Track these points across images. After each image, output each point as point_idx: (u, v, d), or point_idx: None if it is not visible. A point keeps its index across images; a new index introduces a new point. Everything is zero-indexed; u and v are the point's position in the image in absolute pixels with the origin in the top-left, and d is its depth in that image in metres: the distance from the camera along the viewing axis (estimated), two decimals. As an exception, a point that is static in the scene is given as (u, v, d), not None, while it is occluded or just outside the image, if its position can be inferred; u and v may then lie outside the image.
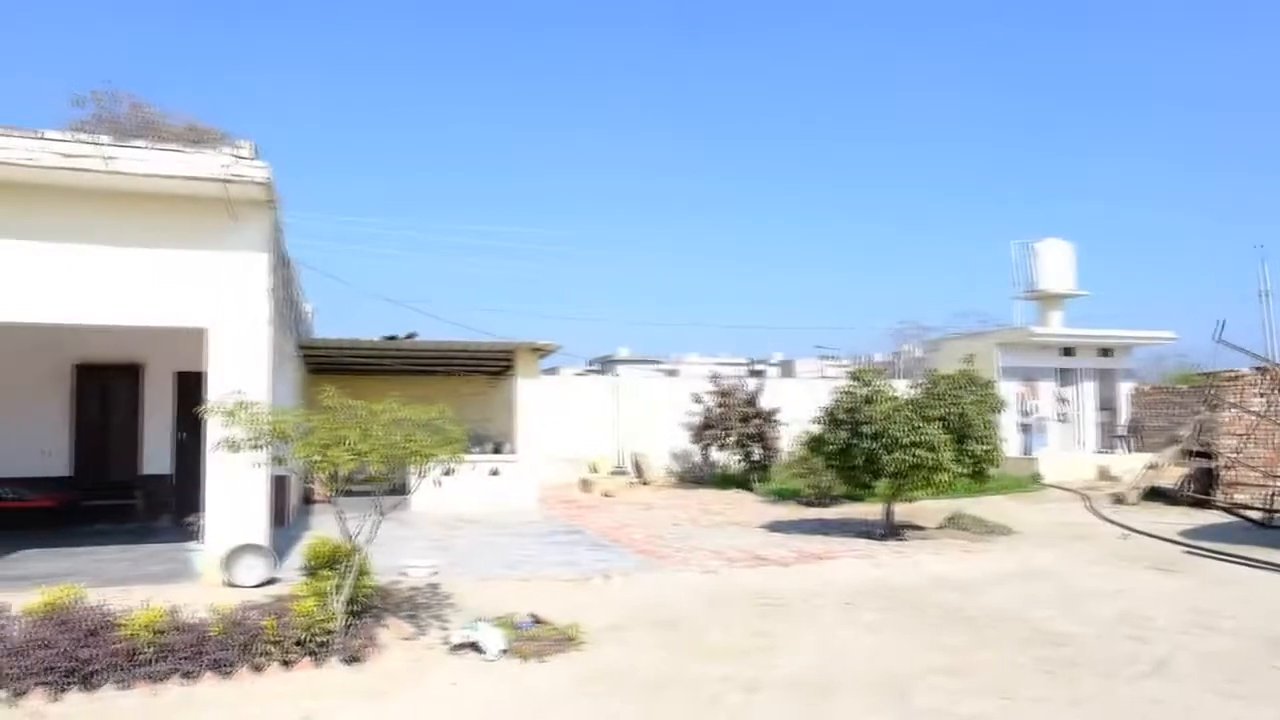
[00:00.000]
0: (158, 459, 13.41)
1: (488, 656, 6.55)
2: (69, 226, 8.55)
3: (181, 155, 8.33)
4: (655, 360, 54.64)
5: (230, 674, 5.90)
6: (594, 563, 10.22)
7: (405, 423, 6.60)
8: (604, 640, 7.06)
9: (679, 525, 13.91)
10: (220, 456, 7.20)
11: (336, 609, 6.44)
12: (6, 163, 7.89)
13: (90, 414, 13.27)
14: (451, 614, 7.72)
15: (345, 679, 6.07)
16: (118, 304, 8.70)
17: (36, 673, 5.49)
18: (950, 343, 24.24)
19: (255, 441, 6.47)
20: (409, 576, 9.02)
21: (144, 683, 5.69)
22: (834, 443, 12.21)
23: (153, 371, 13.37)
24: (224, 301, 8.86)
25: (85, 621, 5.80)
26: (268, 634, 6.03)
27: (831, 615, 8.02)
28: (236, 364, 8.78)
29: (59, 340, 12.41)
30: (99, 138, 8.20)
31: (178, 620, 6.03)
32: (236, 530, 8.66)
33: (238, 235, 8.91)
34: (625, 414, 22.71)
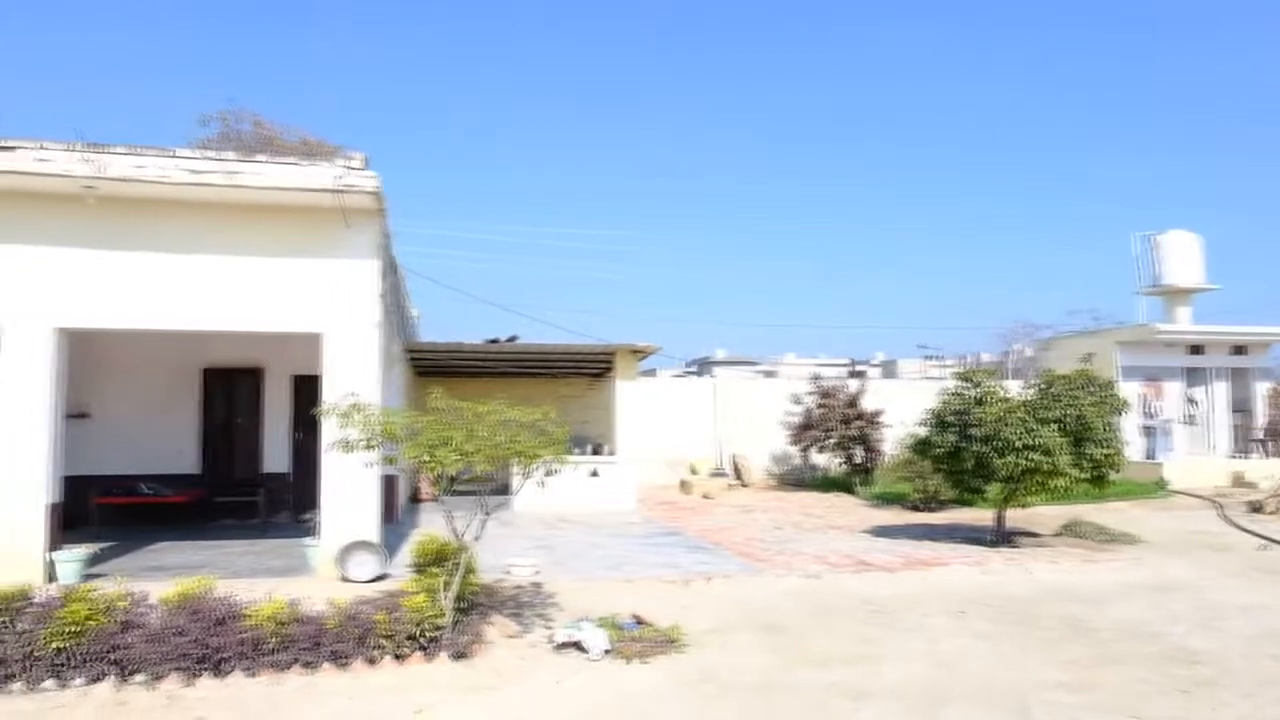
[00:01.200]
0: (277, 458, 14.07)
1: (591, 656, 6.59)
2: (196, 238, 9.08)
3: (298, 168, 8.72)
4: (752, 361, 54.23)
5: (347, 665, 6.12)
6: (694, 565, 10.18)
7: (510, 424, 6.72)
8: (706, 643, 7.01)
9: (780, 528, 13.72)
10: (335, 456, 7.50)
11: (445, 605, 6.60)
12: (141, 180, 8.42)
13: (217, 415, 14.03)
14: (555, 613, 7.81)
15: (454, 674, 6.21)
16: (241, 311, 9.18)
17: (172, 658, 5.82)
18: (1064, 341, 23.15)
19: (367, 442, 6.69)
20: (512, 575, 9.19)
21: (268, 671, 5.97)
22: (942, 445, 11.81)
23: (272, 375, 14.04)
24: (338, 307, 9.23)
25: (215, 611, 6.12)
26: (381, 628, 6.23)
27: (941, 623, 7.75)
28: (349, 367, 9.13)
29: (189, 346, 13.17)
30: (224, 154, 8.67)
31: (298, 612, 6.30)
32: (350, 527, 9.00)
33: (350, 243, 9.26)
34: (724, 415, 22.59)
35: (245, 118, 22.31)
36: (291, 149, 18.43)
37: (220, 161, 8.57)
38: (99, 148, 8.27)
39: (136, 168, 8.32)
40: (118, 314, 9.00)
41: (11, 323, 8.73)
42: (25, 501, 8.66)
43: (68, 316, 8.90)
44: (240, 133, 21.89)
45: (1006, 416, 11.18)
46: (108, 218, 8.84)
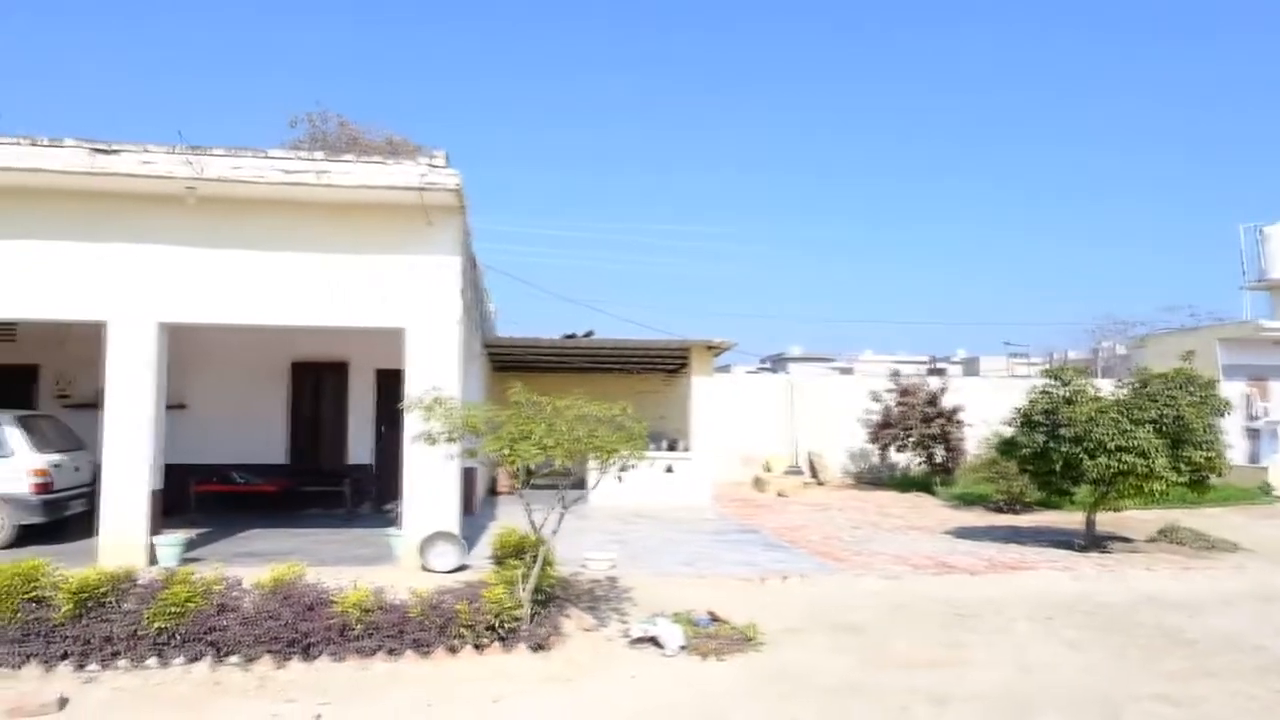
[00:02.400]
0: (361, 450, 14.47)
1: (667, 652, 6.60)
2: (285, 236, 9.38)
3: (383, 166, 8.93)
4: (829, 358, 53.45)
5: (429, 653, 6.26)
6: (770, 563, 10.09)
7: (588, 418, 6.76)
8: (783, 642, 6.95)
9: (858, 528, 13.49)
10: (418, 449, 7.68)
11: (524, 597, 6.69)
12: (238, 180, 8.74)
13: (304, 408, 14.51)
14: (630, 607, 7.84)
15: (532, 665, 6.29)
16: (327, 307, 9.45)
17: (265, 641, 6.05)
18: (1160, 339, 22.16)
19: (449, 435, 6.82)
20: (588, 569, 9.25)
21: (355, 656, 6.15)
22: (1029, 446, 11.43)
23: (356, 369, 14.44)
24: (420, 303, 9.42)
25: (305, 597, 6.33)
26: (462, 618, 6.35)
27: (1027, 629, 7.51)
28: (431, 362, 9.31)
29: (278, 340, 13.63)
30: (314, 154, 8.94)
31: (382, 601, 6.47)
32: (431, 518, 9.19)
33: (432, 240, 9.44)
34: (799, 412, 22.33)
35: (331, 118, 22.90)
36: (376, 148, 18.96)
37: (311, 161, 8.84)
38: (198, 150, 8.62)
39: (233, 168, 8.65)
40: (213, 309, 9.37)
41: (118, 318, 9.18)
42: (131, 488, 9.10)
43: (168, 311, 9.30)
44: (326, 133, 22.55)
45: (1098, 416, 10.76)
46: (205, 217, 9.21)
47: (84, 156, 8.52)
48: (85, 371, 12.73)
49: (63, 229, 9.13)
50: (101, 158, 8.51)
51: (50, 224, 9.12)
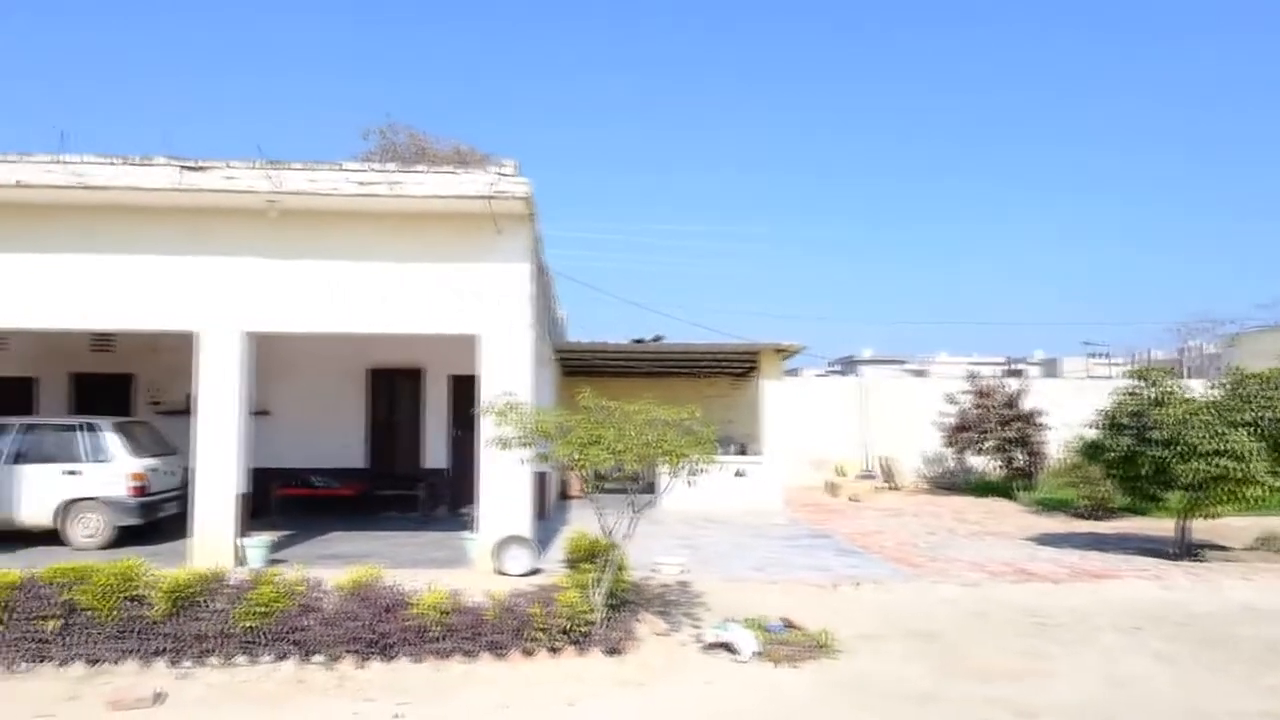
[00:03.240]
0: (436, 454, 14.77)
1: (740, 657, 6.55)
2: (360, 246, 9.64)
3: (454, 176, 9.11)
4: (901, 360, 52.45)
5: (504, 656, 6.34)
6: (844, 569, 9.94)
7: (658, 423, 6.77)
8: (858, 649, 6.84)
9: (933, 534, 13.19)
10: (492, 453, 7.79)
11: (597, 602, 6.73)
12: (315, 193, 9.03)
13: (381, 413, 14.87)
14: (702, 612, 7.81)
15: (606, 669, 6.31)
16: (402, 314, 9.68)
17: (345, 641, 6.21)
18: (1254, 337, 21.16)
19: (522, 440, 6.91)
20: (659, 573, 9.25)
21: (432, 657, 6.27)
22: (1115, 449, 11.01)
23: (431, 375, 14.75)
24: (492, 310, 9.58)
25: (383, 599, 6.48)
26: (536, 621, 6.42)
27: (1114, 640, 7.23)
28: (504, 367, 9.46)
29: (355, 348, 14.02)
30: (387, 166, 9.18)
31: (459, 603, 6.58)
32: (504, 522, 9.32)
33: (502, 248, 9.59)
34: (872, 416, 21.95)
35: (401, 130, 23.39)
36: (444, 158, 19.29)
37: (384, 173, 9.07)
38: (278, 165, 8.93)
39: (310, 182, 8.94)
40: (295, 318, 9.69)
41: (206, 328, 9.57)
42: (220, 491, 9.46)
43: (252, 321, 9.65)
44: (396, 144, 23.05)
45: (1190, 419, 10.30)
46: (285, 229, 9.53)
47: (173, 174, 8.91)
48: (176, 379, 13.27)
49: (154, 244, 9.56)
50: (189, 175, 8.89)
51: (143, 239, 9.56)
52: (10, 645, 6.08)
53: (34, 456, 10.80)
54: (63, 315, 9.66)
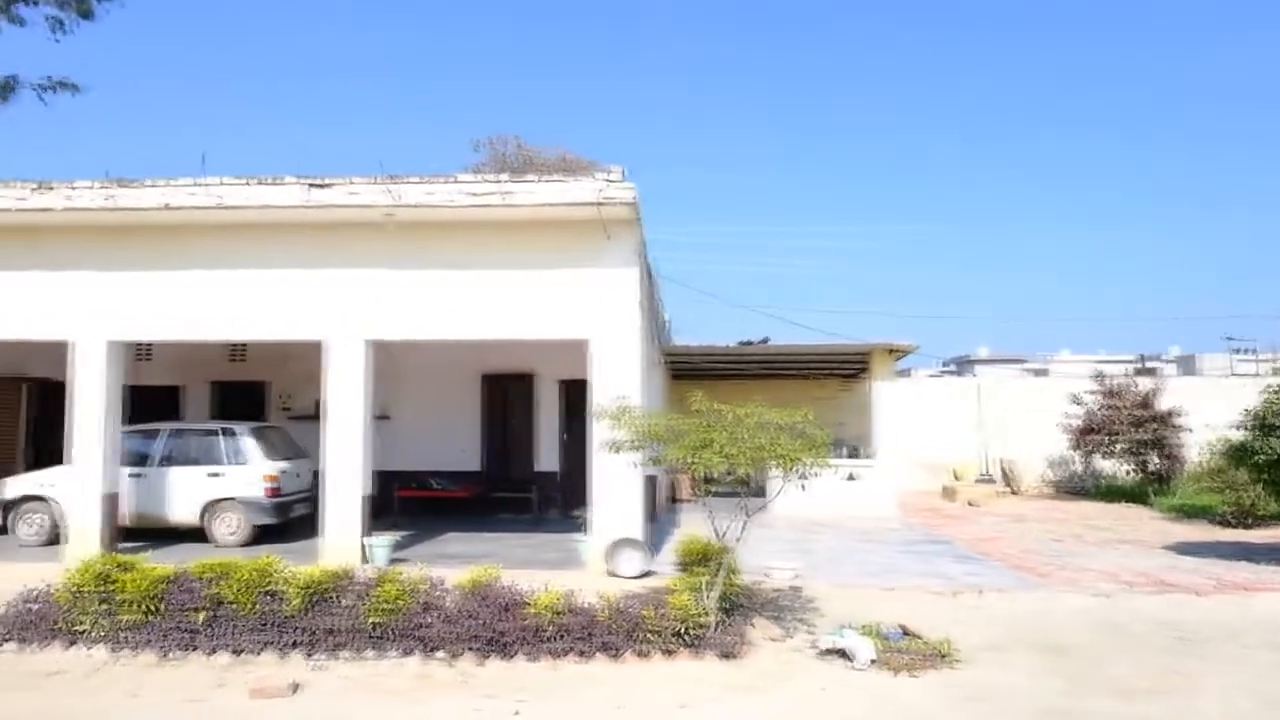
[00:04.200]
0: (547, 457, 15.05)
1: (856, 665, 6.42)
2: (473, 255, 9.94)
3: (563, 184, 9.29)
4: (1019, 359, 50.34)
5: (617, 657, 6.41)
6: (963, 576, 9.60)
7: (769, 426, 6.72)
8: (980, 660, 6.59)
9: (1059, 540, 12.59)
10: (604, 456, 7.90)
11: (709, 605, 6.72)
12: (431, 205, 9.36)
13: (494, 418, 15.27)
14: (815, 618, 7.70)
15: (719, 673, 6.30)
16: (514, 320, 9.92)
17: (466, 639, 6.41)
18: None
19: (634, 443, 6.97)
20: (771, 578, 9.16)
21: (547, 657, 6.40)
22: (1264, 453, 10.25)
23: (542, 380, 15.05)
24: (601, 314, 9.71)
25: (501, 598, 6.66)
26: (649, 623, 6.46)
27: (1268, 658, 6.73)
28: (614, 371, 9.57)
29: (469, 354, 14.44)
30: (499, 176, 9.43)
31: (573, 604, 6.69)
32: (616, 524, 9.42)
33: (610, 253, 9.71)
34: (989, 417, 21.14)
35: (509, 141, 23.91)
36: (551, 166, 19.63)
37: (496, 184, 9.33)
38: (397, 179, 9.31)
39: (427, 194, 9.28)
40: (412, 326, 10.07)
41: (332, 337, 10.05)
42: (347, 492, 9.92)
43: (374, 329, 10.09)
44: (505, 155, 23.58)
45: (1349, 419, 9.50)
46: (403, 241, 9.92)
47: (301, 192, 9.40)
48: (305, 386, 13.98)
49: (284, 258, 10.12)
50: (316, 191, 9.36)
51: (274, 254, 10.13)
52: (165, 634, 6.54)
53: (180, 459, 11.59)
54: (204, 328, 10.36)
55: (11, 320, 10.46)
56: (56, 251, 10.35)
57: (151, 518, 11.43)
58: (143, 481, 11.42)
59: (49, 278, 10.39)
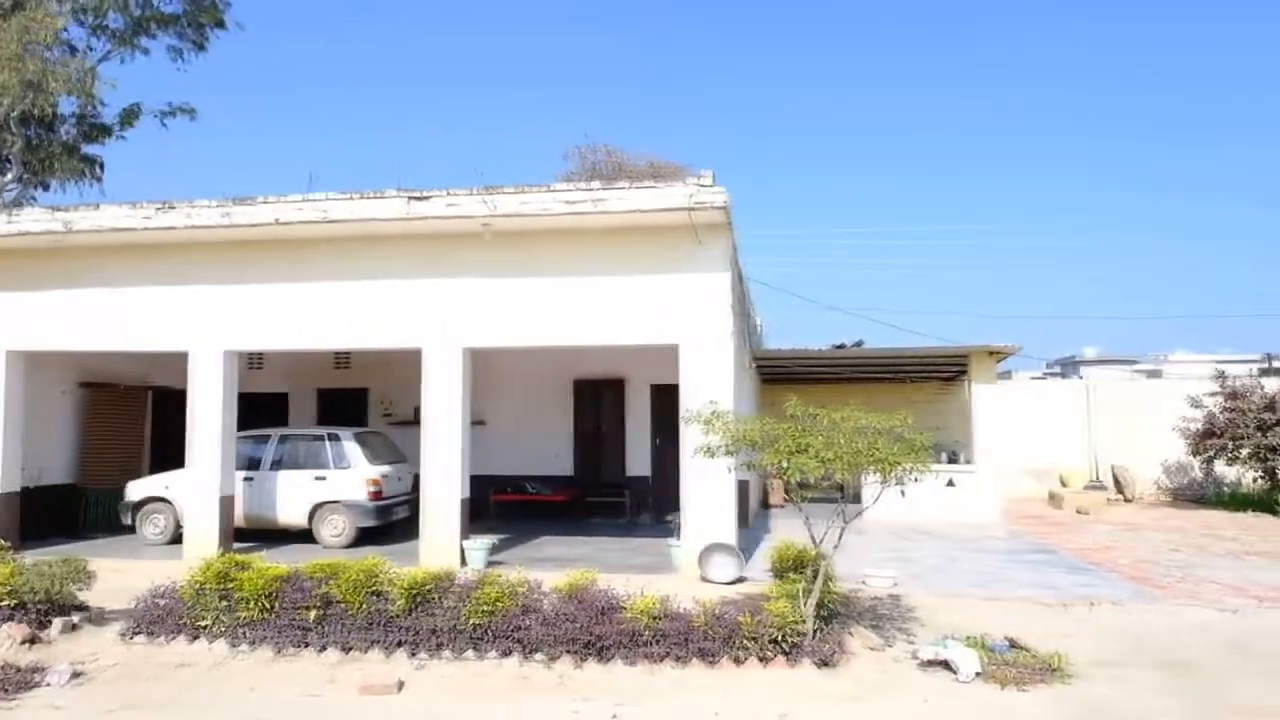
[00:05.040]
0: (639, 462, 15.12)
1: (960, 677, 6.23)
2: (565, 263, 10.09)
3: (654, 190, 9.33)
4: (1130, 360, 47.96)
5: (714, 663, 6.38)
6: (1074, 587, 9.19)
7: (867, 430, 6.59)
8: (1094, 676, 6.30)
9: (1177, 551, 11.92)
10: (696, 461, 7.88)
11: (806, 612, 6.63)
12: (525, 214, 9.55)
13: (586, 422, 15.43)
14: (916, 628, 7.50)
15: (818, 681, 6.20)
16: (606, 326, 10.02)
17: (564, 642, 6.49)
18: None
19: (727, 448, 6.94)
20: (869, 586, 8.98)
21: (644, 661, 6.41)
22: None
23: (633, 385, 15.14)
24: (693, 319, 9.71)
25: (597, 602, 6.70)
26: (745, 630, 6.41)
27: None
28: (705, 376, 9.55)
29: (562, 360, 14.63)
30: (591, 184, 9.55)
31: (668, 609, 6.69)
32: (709, 530, 9.39)
33: (702, 258, 9.71)
34: (1099, 421, 20.20)
35: (599, 149, 24.15)
36: (640, 172, 19.70)
37: (588, 191, 9.45)
38: (492, 189, 9.53)
39: (522, 203, 9.46)
40: (506, 333, 10.28)
41: (431, 344, 10.35)
42: (445, 496, 10.19)
43: (470, 337, 10.34)
44: (595, 163, 23.83)
45: None
46: (498, 250, 10.14)
47: (401, 204, 9.72)
48: (404, 392, 14.43)
49: (386, 269, 10.47)
50: (416, 204, 9.66)
51: (376, 265, 10.50)
52: (279, 631, 6.84)
53: (289, 463, 12.11)
54: (311, 337, 10.82)
55: (137, 332, 11.15)
56: (177, 267, 10.98)
57: (262, 519, 11.98)
58: (254, 484, 11.98)
59: (170, 292, 11.04)
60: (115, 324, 11.19)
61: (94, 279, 11.22)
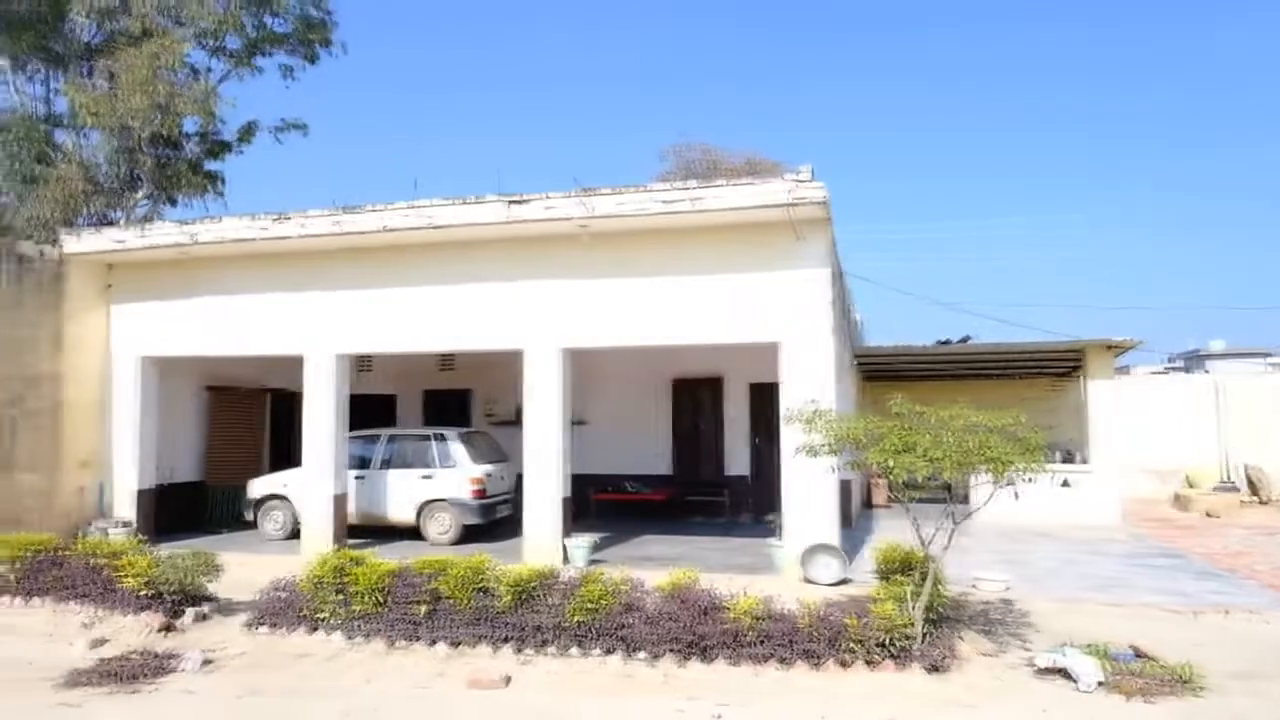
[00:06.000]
0: (737, 461, 15.00)
1: (1080, 687, 5.94)
2: (662, 262, 10.09)
3: (752, 187, 9.24)
4: (1262, 353, 44.86)
5: (819, 666, 6.27)
6: (1205, 594, 8.66)
7: (978, 428, 6.36)
8: (1230, 689, 5.92)
9: (1321, 557, 11.10)
10: (796, 461, 7.77)
11: (915, 615, 6.45)
12: (622, 215, 9.60)
13: (684, 422, 15.40)
14: (1031, 634, 7.21)
15: (927, 687, 6.02)
16: (704, 325, 9.98)
17: (666, 641, 6.49)
18: None
19: (830, 447, 6.81)
20: (979, 589, 8.68)
21: (748, 662, 6.35)
22: None
23: (731, 383, 15.02)
24: (792, 317, 9.57)
25: (700, 602, 6.68)
26: (852, 632, 6.28)
27: None
28: (805, 374, 9.41)
29: (659, 359, 14.65)
30: (688, 183, 9.53)
31: (771, 609, 6.61)
32: (811, 530, 9.25)
33: (801, 254, 9.56)
34: (1229, 418, 18.98)
35: (695, 148, 24.13)
36: (737, 169, 19.55)
37: (685, 190, 9.44)
38: (589, 191, 9.62)
39: (619, 204, 9.52)
40: (605, 334, 10.36)
41: (531, 346, 10.53)
42: (547, 495, 10.35)
43: (569, 338, 10.47)
44: (691, 161, 23.76)
45: None
46: (595, 251, 10.24)
47: (501, 209, 9.92)
48: (506, 393, 14.73)
49: (487, 272, 10.71)
50: (515, 208, 9.85)
51: (478, 268, 10.75)
52: (391, 625, 7.07)
53: (398, 463, 12.52)
54: (417, 340, 11.17)
55: (256, 337, 11.75)
56: (292, 274, 11.51)
57: (373, 516, 12.42)
58: (365, 483, 12.43)
59: (286, 298, 11.57)
60: (236, 330, 11.81)
61: (216, 287, 11.88)
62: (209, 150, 17.94)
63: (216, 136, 17.92)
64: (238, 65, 17.81)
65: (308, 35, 18.05)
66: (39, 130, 16.16)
